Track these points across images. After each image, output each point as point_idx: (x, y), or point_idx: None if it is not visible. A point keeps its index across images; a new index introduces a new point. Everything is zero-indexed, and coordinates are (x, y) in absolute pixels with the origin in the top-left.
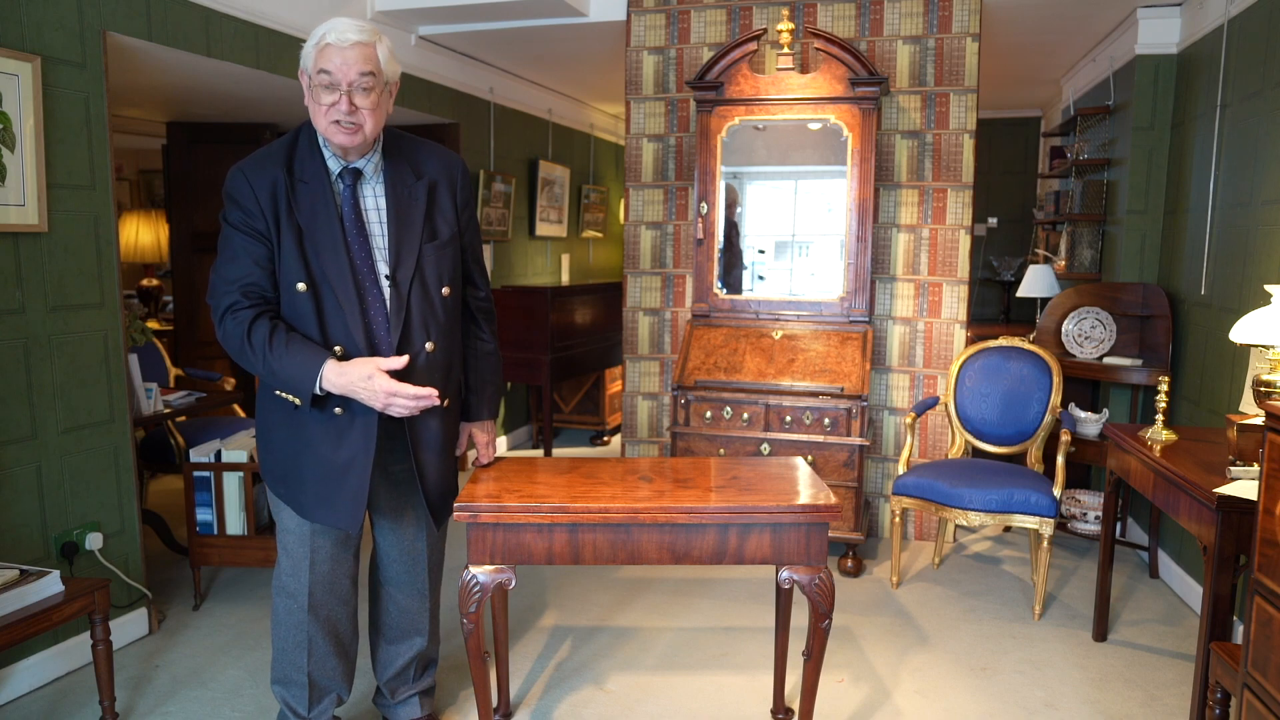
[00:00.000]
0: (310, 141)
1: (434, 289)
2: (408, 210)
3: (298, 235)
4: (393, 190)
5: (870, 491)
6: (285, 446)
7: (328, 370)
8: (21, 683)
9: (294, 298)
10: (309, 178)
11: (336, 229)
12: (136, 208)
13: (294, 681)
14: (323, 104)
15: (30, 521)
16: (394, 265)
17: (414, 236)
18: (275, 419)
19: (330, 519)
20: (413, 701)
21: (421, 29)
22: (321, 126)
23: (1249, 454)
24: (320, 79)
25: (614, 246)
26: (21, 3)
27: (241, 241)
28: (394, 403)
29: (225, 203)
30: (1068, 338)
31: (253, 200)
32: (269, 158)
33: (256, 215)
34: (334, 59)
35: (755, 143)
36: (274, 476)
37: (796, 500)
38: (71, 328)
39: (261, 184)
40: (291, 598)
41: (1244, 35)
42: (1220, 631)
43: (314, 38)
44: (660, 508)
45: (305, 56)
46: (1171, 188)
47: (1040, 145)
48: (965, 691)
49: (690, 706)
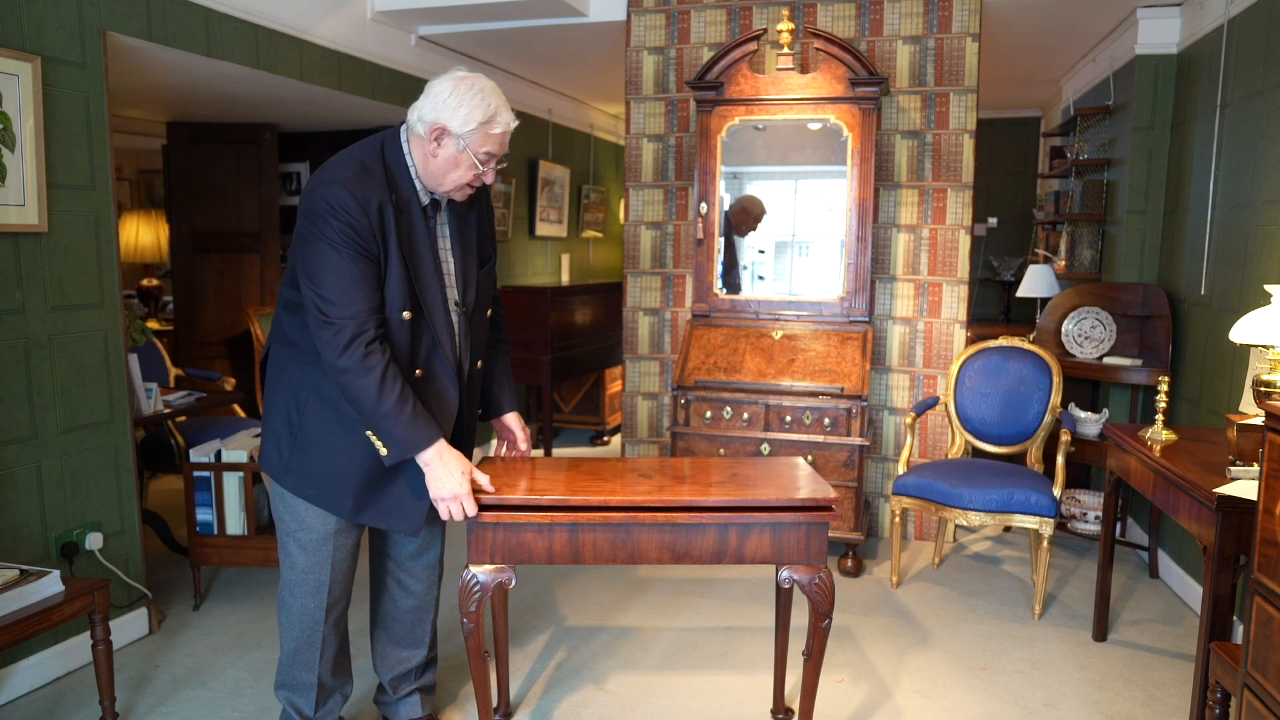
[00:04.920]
0: (402, 168)
1: (482, 311)
2: (468, 239)
3: (404, 262)
4: (456, 220)
5: (870, 491)
6: (331, 452)
7: (433, 447)
8: (21, 683)
9: (396, 324)
10: (406, 206)
11: (431, 258)
12: (136, 208)
13: (302, 684)
14: (466, 169)
15: (30, 521)
16: (462, 292)
17: (474, 263)
18: (320, 425)
19: (384, 521)
20: (414, 699)
21: (421, 29)
22: (450, 184)
23: (1249, 454)
24: (481, 156)
25: (614, 246)
26: (21, 3)
27: (357, 261)
28: (454, 507)
29: (321, 218)
30: (1068, 338)
31: (364, 220)
32: (368, 177)
33: (369, 237)
34: (500, 141)
35: (755, 143)
36: (304, 478)
37: (796, 496)
38: (71, 328)
39: (371, 204)
40: (310, 597)
41: (1244, 35)
42: (1220, 631)
43: (482, 114)
44: (660, 503)
45: (466, 128)
46: (1171, 188)
47: (1040, 145)
48: (965, 691)
49: (690, 706)
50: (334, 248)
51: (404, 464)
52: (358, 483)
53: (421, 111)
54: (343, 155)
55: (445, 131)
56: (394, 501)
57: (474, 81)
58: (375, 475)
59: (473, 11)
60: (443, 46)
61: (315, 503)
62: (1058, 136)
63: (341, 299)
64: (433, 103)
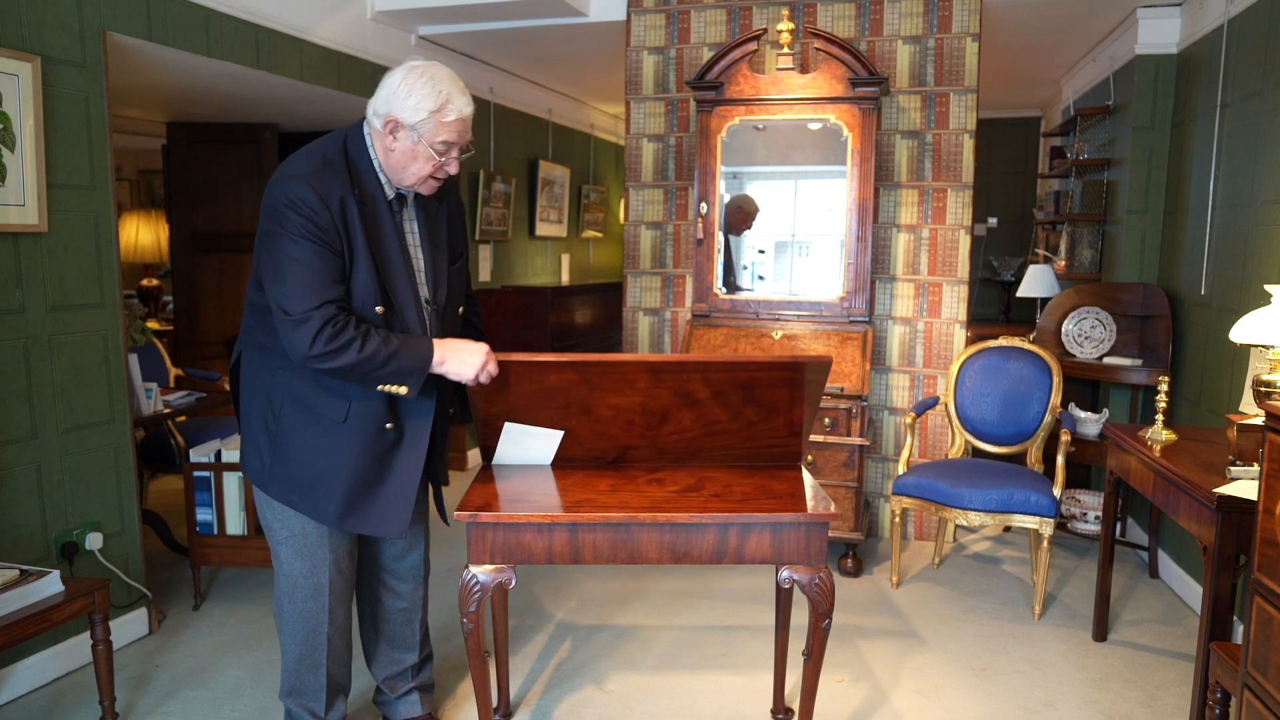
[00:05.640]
0: (365, 162)
1: (454, 309)
2: (437, 235)
3: (371, 257)
4: (424, 215)
5: (870, 491)
6: (312, 457)
7: (436, 353)
8: (21, 683)
9: (372, 319)
10: (370, 200)
11: (399, 253)
12: (136, 208)
13: (309, 689)
14: (425, 161)
15: (30, 521)
16: (433, 290)
17: (443, 260)
18: (298, 430)
19: (367, 526)
20: (412, 697)
21: (421, 29)
22: (412, 177)
23: (1249, 454)
24: (439, 146)
25: (614, 246)
26: (21, 3)
27: (320, 255)
28: (483, 376)
29: (281, 213)
30: (1068, 338)
31: (324, 214)
32: (329, 171)
33: (330, 231)
34: (458, 129)
35: (755, 143)
36: (287, 485)
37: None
38: (71, 328)
39: (331, 198)
40: (309, 600)
41: (1244, 35)
42: (1220, 631)
43: (432, 102)
44: (662, 499)
45: (417, 118)
46: (1171, 188)
47: (1040, 145)
48: (965, 691)
49: (690, 706)
50: (294, 242)
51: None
52: (341, 488)
53: (376, 104)
54: (304, 150)
55: (398, 124)
56: (377, 505)
57: (425, 69)
58: (359, 480)
59: (473, 11)
60: (443, 46)
61: (298, 509)
62: (1058, 136)
63: (305, 293)
64: (385, 95)
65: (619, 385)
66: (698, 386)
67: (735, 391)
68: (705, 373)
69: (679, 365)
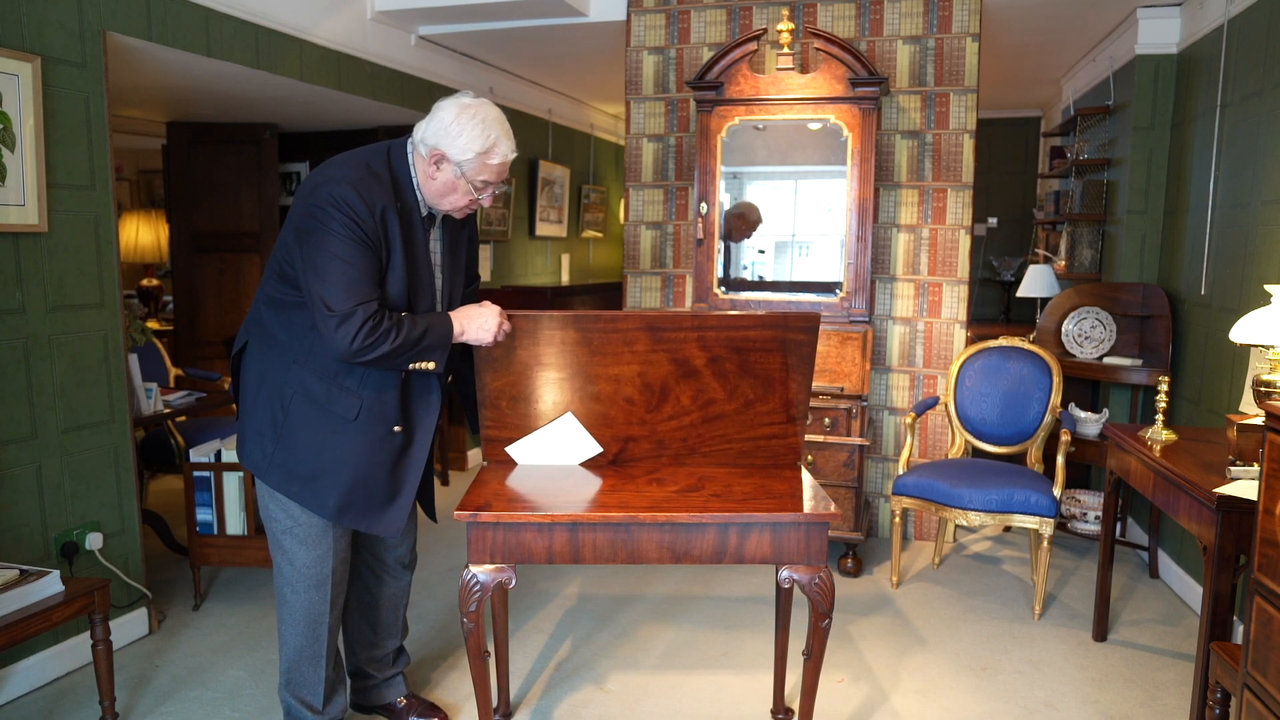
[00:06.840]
0: (406, 179)
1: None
2: (458, 256)
3: (405, 267)
4: (449, 237)
5: (870, 491)
6: (316, 451)
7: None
8: (21, 683)
9: None
10: (408, 214)
11: (427, 267)
12: (136, 208)
13: (310, 680)
14: (463, 195)
15: (30, 521)
16: (446, 307)
17: (460, 280)
18: (306, 423)
19: (364, 523)
20: (398, 680)
21: (421, 29)
22: (448, 205)
23: (1249, 454)
24: (478, 184)
25: (614, 246)
26: (21, 3)
27: (364, 254)
28: (499, 335)
29: (326, 213)
30: (1068, 338)
31: (369, 220)
32: (375, 181)
33: (373, 236)
34: (499, 171)
35: (755, 143)
36: (287, 475)
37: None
38: (71, 328)
39: (375, 207)
40: (313, 590)
41: (1244, 35)
42: (1220, 631)
43: (480, 144)
44: (662, 499)
45: (464, 156)
46: (1171, 188)
47: (1040, 145)
48: (965, 691)
49: (690, 706)
50: (340, 240)
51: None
52: (342, 483)
53: (425, 134)
54: (346, 156)
55: (444, 158)
56: (376, 504)
57: (478, 110)
58: (360, 476)
59: (473, 11)
60: (443, 46)
61: (297, 500)
62: (1058, 136)
63: (350, 290)
64: (435, 127)
65: (618, 348)
66: (694, 350)
67: (731, 357)
68: (700, 331)
69: (675, 321)
